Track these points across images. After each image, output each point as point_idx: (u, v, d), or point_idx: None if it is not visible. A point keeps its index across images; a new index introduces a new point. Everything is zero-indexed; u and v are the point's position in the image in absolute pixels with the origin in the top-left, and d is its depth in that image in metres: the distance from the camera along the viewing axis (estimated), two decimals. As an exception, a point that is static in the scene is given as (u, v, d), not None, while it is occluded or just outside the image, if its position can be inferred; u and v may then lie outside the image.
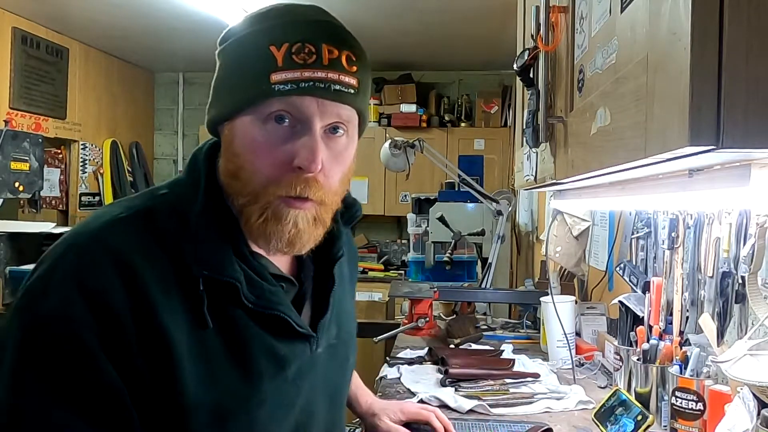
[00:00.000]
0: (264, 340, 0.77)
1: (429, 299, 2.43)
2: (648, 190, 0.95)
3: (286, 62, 0.73)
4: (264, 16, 0.78)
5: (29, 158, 3.74)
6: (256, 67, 0.74)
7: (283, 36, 0.74)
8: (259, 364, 0.77)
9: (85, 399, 0.67)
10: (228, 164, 0.77)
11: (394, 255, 5.46)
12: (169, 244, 0.74)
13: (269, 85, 0.73)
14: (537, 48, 1.18)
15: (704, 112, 0.54)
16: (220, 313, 0.74)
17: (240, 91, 0.76)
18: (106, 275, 0.69)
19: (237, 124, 0.76)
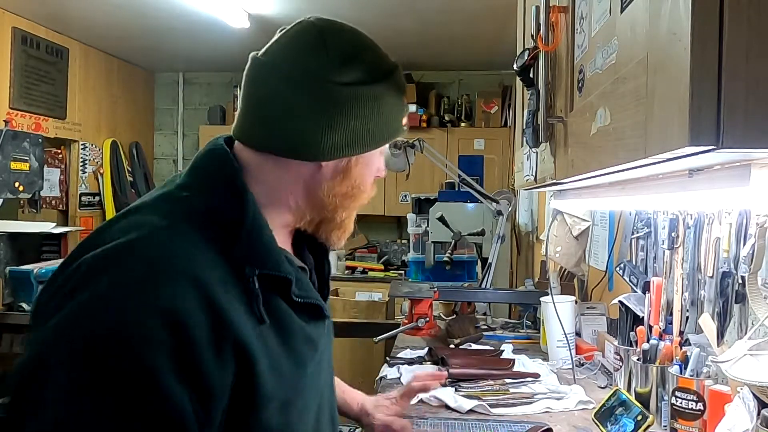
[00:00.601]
0: (303, 329, 0.83)
1: (429, 299, 2.43)
2: (648, 190, 0.95)
3: (406, 108, 0.91)
4: (388, 64, 0.89)
5: (29, 158, 3.74)
6: (398, 113, 0.88)
7: (405, 87, 0.91)
8: (303, 352, 0.83)
9: (148, 420, 0.65)
10: (350, 188, 0.87)
11: (394, 255, 5.46)
12: (220, 247, 0.75)
13: (402, 127, 0.90)
14: (537, 48, 1.18)
15: (704, 112, 0.54)
16: (270, 308, 0.78)
17: (389, 131, 0.87)
18: (178, 290, 0.68)
19: (368, 156, 0.88)
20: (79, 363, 0.64)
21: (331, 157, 0.83)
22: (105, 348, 0.64)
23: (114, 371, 0.64)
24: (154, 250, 0.71)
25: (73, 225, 4.63)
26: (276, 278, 0.78)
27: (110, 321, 0.65)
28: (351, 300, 4.33)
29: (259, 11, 3.82)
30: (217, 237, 0.76)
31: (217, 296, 0.71)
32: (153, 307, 0.66)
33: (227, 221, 0.77)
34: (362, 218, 5.59)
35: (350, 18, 3.63)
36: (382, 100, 0.84)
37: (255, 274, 0.76)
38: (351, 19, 0.94)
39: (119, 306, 0.66)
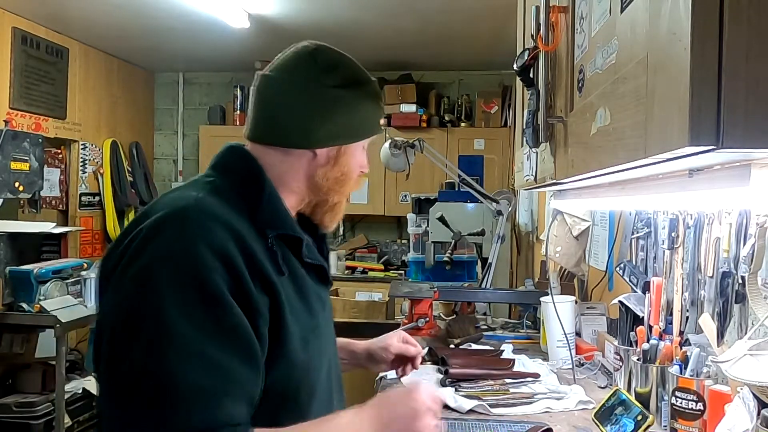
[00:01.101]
0: (313, 286, 1.04)
1: (429, 299, 2.43)
2: (648, 190, 0.95)
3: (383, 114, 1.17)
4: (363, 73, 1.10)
5: (29, 158, 3.74)
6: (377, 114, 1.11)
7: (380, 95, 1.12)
8: (314, 304, 1.03)
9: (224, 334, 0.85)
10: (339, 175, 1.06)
11: (394, 255, 5.46)
12: (246, 213, 0.96)
13: (379, 126, 1.12)
14: (537, 48, 1.18)
15: (704, 112, 0.54)
16: (287, 265, 0.97)
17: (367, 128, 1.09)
18: (222, 235, 0.89)
19: (353, 149, 1.08)
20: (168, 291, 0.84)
21: (322, 145, 1.04)
22: (180, 279, 0.85)
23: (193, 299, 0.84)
24: (197, 210, 0.91)
25: (73, 225, 4.63)
26: (290, 239, 1.00)
27: (181, 260, 0.86)
28: (351, 300, 4.33)
29: (259, 11, 3.82)
30: (242, 208, 0.96)
31: (248, 243, 0.91)
32: (208, 247, 0.86)
33: (249, 194, 0.98)
34: (362, 218, 5.62)
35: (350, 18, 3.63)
36: (360, 102, 1.06)
37: (274, 234, 0.96)
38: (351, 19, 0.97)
39: (185, 249, 0.86)
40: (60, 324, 3.05)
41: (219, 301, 0.85)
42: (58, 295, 3.27)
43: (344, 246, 5.48)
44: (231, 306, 0.86)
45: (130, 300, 0.85)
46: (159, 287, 0.84)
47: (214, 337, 0.84)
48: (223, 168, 1.03)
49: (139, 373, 0.82)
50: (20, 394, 3.25)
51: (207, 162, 1.06)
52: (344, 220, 5.63)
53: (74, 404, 3.27)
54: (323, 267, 1.07)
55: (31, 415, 3.11)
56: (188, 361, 0.82)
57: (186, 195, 0.95)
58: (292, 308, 0.95)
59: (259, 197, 0.98)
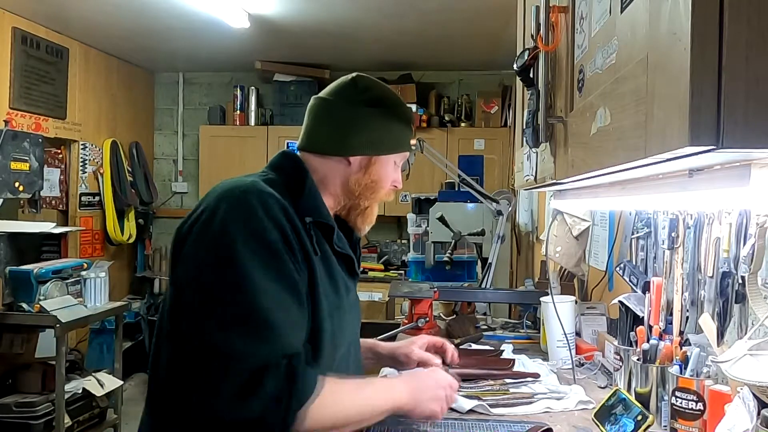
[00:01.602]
0: (341, 273, 1.21)
1: (429, 299, 2.43)
2: (648, 190, 0.95)
3: (413, 134, 1.38)
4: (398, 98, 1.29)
5: (29, 158, 3.74)
6: (406, 134, 1.29)
7: (412, 119, 1.32)
8: (341, 286, 1.20)
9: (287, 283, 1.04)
10: (370, 182, 1.24)
11: (394, 255, 5.46)
12: (291, 201, 1.13)
13: (409, 146, 1.29)
14: (537, 48, 1.18)
15: (704, 112, 0.54)
16: (321, 248, 1.14)
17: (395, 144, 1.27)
18: (276, 208, 1.07)
19: (384, 161, 1.25)
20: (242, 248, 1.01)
21: (355, 153, 1.23)
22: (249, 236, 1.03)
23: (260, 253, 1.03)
24: (254, 187, 1.09)
25: (73, 225, 4.63)
26: (325, 227, 1.17)
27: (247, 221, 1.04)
28: (351, 300, 4.32)
29: (259, 11, 3.82)
30: (287, 196, 1.13)
31: (295, 221, 1.09)
32: (265, 213, 1.05)
33: (293, 187, 1.17)
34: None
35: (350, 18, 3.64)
36: (390, 120, 1.25)
37: (311, 221, 1.14)
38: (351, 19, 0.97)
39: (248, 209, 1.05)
40: (60, 324, 3.05)
41: (279, 256, 1.04)
42: (58, 295, 3.27)
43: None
44: (289, 262, 1.05)
45: (213, 256, 1.03)
46: (233, 244, 1.02)
47: (279, 281, 1.03)
48: (275, 166, 1.22)
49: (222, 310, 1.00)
50: (20, 394, 3.25)
51: (207, 162, 1.22)
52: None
53: (74, 404, 3.27)
54: (352, 258, 1.25)
55: (31, 415, 3.11)
56: (262, 298, 1.00)
57: (243, 179, 1.13)
58: (323, 283, 1.12)
59: (302, 190, 1.17)
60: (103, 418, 3.52)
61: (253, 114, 5.31)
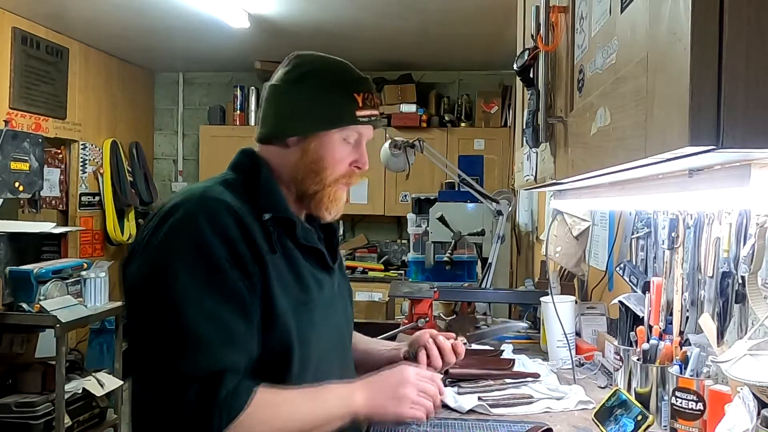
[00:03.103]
0: (308, 268, 1.15)
1: (429, 299, 2.43)
2: (648, 190, 0.95)
3: (363, 104, 1.16)
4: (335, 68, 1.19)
5: (29, 158, 3.74)
6: (346, 105, 1.16)
7: (360, 87, 1.17)
8: (309, 282, 1.14)
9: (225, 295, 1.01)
10: (309, 163, 1.15)
11: (394, 255, 5.45)
12: (247, 200, 1.10)
13: (355, 118, 1.16)
14: (537, 48, 1.18)
15: (704, 112, 0.54)
16: (281, 245, 1.10)
17: (330, 117, 1.15)
18: (222, 214, 1.04)
19: (323, 139, 1.15)
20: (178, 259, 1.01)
21: (289, 135, 1.16)
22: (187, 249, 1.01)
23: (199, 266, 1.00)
24: (202, 195, 1.07)
25: (73, 225, 4.63)
26: (285, 221, 1.12)
27: (188, 234, 1.02)
28: (351, 300, 4.32)
29: (259, 11, 3.82)
30: (245, 195, 1.11)
31: (245, 220, 1.05)
32: (208, 222, 1.02)
33: (250, 185, 1.13)
34: (362, 218, 5.61)
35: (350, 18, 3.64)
36: (322, 94, 1.15)
37: (270, 216, 1.09)
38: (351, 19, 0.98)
39: (191, 225, 1.02)
40: (60, 324, 3.05)
41: (218, 267, 1.00)
42: (58, 295, 3.26)
43: (344, 246, 5.48)
44: (228, 271, 1.01)
45: (149, 268, 1.03)
46: (170, 257, 1.01)
47: (217, 296, 1.00)
48: (234, 166, 1.20)
49: (157, 326, 1.00)
50: (20, 394, 3.25)
51: (207, 162, 1.23)
52: (344, 220, 5.64)
53: (74, 404, 3.26)
54: (320, 251, 1.18)
55: (31, 415, 3.11)
56: (196, 315, 0.98)
57: (196, 186, 1.13)
58: (282, 281, 1.08)
59: (257, 185, 1.13)
60: (103, 418, 3.52)
61: (253, 114, 5.30)
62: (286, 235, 1.12)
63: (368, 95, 1.17)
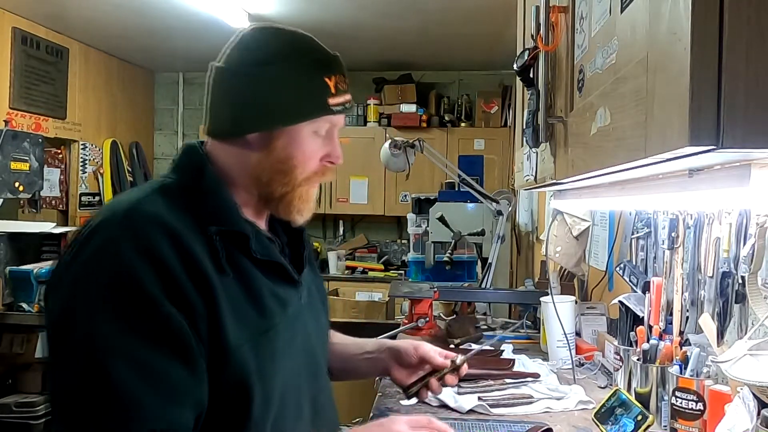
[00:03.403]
0: (269, 286, 0.96)
1: (429, 299, 2.43)
2: (648, 190, 0.95)
3: (336, 91, 0.97)
4: (302, 46, 0.98)
5: (29, 158, 3.74)
6: (316, 92, 0.96)
7: (330, 69, 0.98)
8: (269, 304, 0.95)
9: (158, 338, 0.82)
10: (276, 163, 0.97)
11: (394, 255, 5.46)
12: (189, 210, 0.91)
13: (328, 107, 0.96)
14: (537, 48, 1.18)
15: (704, 112, 0.54)
16: (233, 263, 0.91)
17: (299, 108, 0.96)
18: (154, 236, 0.85)
19: (292, 134, 0.96)
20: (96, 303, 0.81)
21: (250, 131, 0.96)
22: (109, 285, 0.82)
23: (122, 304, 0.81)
24: (129, 213, 0.88)
25: (73, 225, 4.63)
26: (236, 235, 0.93)
27: (109, 266, 0.83)
28: (351, 300, 4.33)
29: (259, 11, 3.82)
30: (186, 204, 0.92)
31: (185, 240, 0.86)
32: (135, 249, 0.83)
33: (193, 192, 0.94)
34: (362, 218, 5.61)
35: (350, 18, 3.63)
36: (291, 79, 0.95)
37: (216, 231, 0.90)
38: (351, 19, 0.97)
39: (113, 254, 0.83)
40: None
41: (150, 304, 0.81)
42: (58, 295, 3.26)
43: (344, 246, 5.48)
44: (163, 307, 0.82)
45: (63, 311, 0.83)
46: (89, 296, 0.81)
47: (148, 341, 0.81)
48: (176, 166, 1.02)
49: (76, 385, 0.80)
50: (20, 394, 3.25)
51: None
52: (344, 220, 5.65)
53: (74, 404, 3.27)
54: (281, 265, 0.99)
55: (31, 415, 3.11)
56: (123, 369, 0.79)
57: (124, 199, 0.93)
58: (236, 308, 0.89)
59: (199, 192, 0.95)
60: (103, 418, 3.51)
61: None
62: (239, 250, 0.93)
63: (340, 78, 0.99)
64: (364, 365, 1.26)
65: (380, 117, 5.19)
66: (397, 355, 1.22)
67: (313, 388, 1.04)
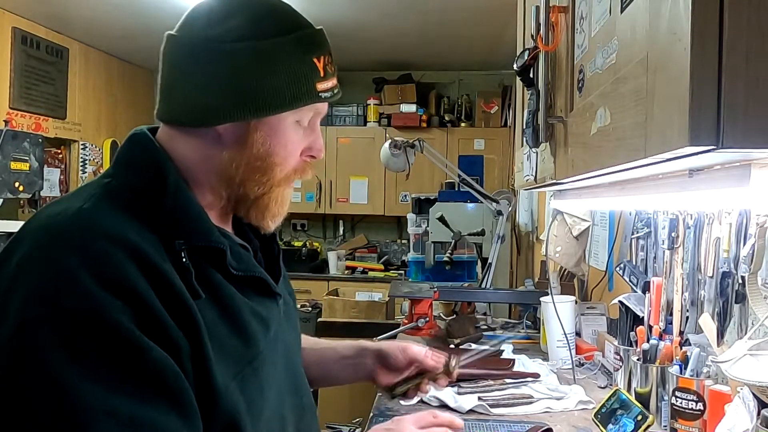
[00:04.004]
0: (247, 305, 0.81)
1: (429, 299, 2.43)
2: (648, 190, 0.95)
3: (325, 74, 0.82)
4: (285, 18, 0.83)
5: (29, 158, 3.74)
6: (303, 75, 0.80)
7: (318, 48, 0.82)
8: (251, 328, 0.80)
9: (138, 380, 0.66)
10: (253, 160, 0.80)
11: (394, 255, 5.46)
12: (147, 223, 0.73)
13: (316, 93, 0.81)
14: (537, 48, 1.18)
15: (704, 112, 0.54)
16: (205, 282, 0.75)
17: (284, 95, 0.79)
18: (115, 258, 0.67)
19: (274, 125, 0.80)
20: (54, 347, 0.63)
21: (223, 121, 0.78)
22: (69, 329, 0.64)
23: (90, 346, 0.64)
24: (78, 229, 0.69)
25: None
26: (209, 250, 0.77)
27: (65, 303, 0.64)
28: (351, 300, 4.33)
29: (259, 11, 3.82)
30: (143, 214, 0.74)
31: (153, 260, 0.70)
32: (96, 278, 0.65)
33: (151, 197, 0.76)
34: (362, 218, 5.61)
35: (350, 18, 3.64)
36: (274, 58, 0.78)
37: (184, 247, 0.74)
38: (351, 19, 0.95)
39: (67, 288, 0.65)
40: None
41: (125, 343, 0.65)
42: (58, 295, 3.27)
43: (344, 246, 5.48)
44: (141, 344, 0.66)
45: (11, 372, 0.63)
46: (43, 347, 0.63)
47: (126, 388, 0.65)
48: (122, 163, 0.82)
49: None
50: (20, 394, 3.25)
51: None
52: (344, 220, 5.65)
53: (74, 404, 3.27)
54: (261, 279, 0.84)
55: (31, 415, 3.11)
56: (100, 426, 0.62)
57: (65, 209, 0.73)
58: (217, 339, 0.74)
59: (161, 197, 0.76)
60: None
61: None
62: (212, 265, 0.77)
63: (328, 59, 0.84)
64: (344, 372, 1.13)
65: (380, 117, 5.19)
66: (383, 358, 1.11)
67: (297, 410, 0.92)
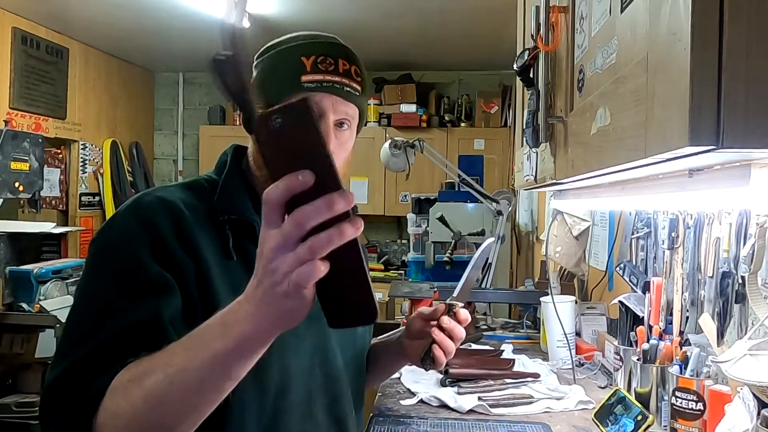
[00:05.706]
0: None
1: (429, 299, 2.43)
2: (648, 190, 0.95)
3: (313, 68, 0.95)
4: (294, 37, 1.01)
5: (29, 158, 3.74)
6: (290, 71, 0.95)
7: (311, 50, 0.97)
8: None
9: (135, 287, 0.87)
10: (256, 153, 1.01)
11: (394, 255, 5.46)
12: (206, 199, 0.99)
13: (300, 84, 0.94)
14: (537, 48, 1.18)
15: (704, 112, 0.54)
16: (242, 250, 0.96)
17: (275, 90, 0.94)
18: (155, 210, 0.92)
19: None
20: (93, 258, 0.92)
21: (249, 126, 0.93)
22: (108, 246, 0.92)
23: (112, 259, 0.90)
24: (144, 198, 0.96)
25: (73, 225, 4.63)
26: (244, 224, 0.98)
27: (113, 231, 0.93)
28: (351, 300, 4.32)
29: (259, 11, 3.82)
30: (202, 191, 1.00)
31: (188, 221, 0.93)
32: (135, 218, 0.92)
33: (216, 184, 1.02)
34: (362, 218, 5.58)
35: (350, 18, 3.64)
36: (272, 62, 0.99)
37: (226, 218, 0.97)
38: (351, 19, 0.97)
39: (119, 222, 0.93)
40: (60, 324, 3.05)
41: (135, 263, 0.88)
42: (58, 295, 3.27)
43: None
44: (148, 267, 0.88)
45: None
46: (90, 264, 0.92)
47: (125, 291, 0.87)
48: (217, 163, 1.08)
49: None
50: (20, 394, 3.25)
51: (207, 162, 1.11)
52: (344, 220, 5.65)
53: (74, 404, 3.27)
54: None
55: (31, 415, 3.11)
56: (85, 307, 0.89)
57: (152, 189, 1.00)
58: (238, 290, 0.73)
59: (220, 185, 1.02)
60: (103, 418, 3.51)
61: (253, 114, 5.31)
62: (249, 239, 0.97)
63: (323, 58, 0.96)
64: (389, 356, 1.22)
65: (380, 117, 5.19)
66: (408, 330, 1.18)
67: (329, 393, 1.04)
